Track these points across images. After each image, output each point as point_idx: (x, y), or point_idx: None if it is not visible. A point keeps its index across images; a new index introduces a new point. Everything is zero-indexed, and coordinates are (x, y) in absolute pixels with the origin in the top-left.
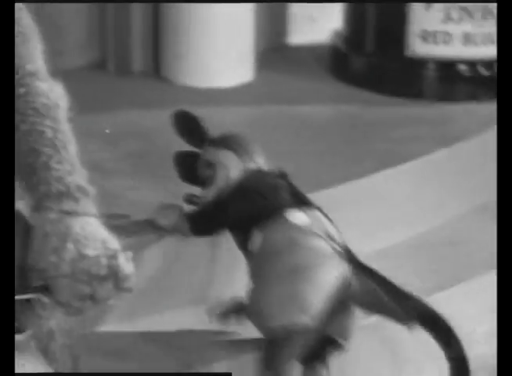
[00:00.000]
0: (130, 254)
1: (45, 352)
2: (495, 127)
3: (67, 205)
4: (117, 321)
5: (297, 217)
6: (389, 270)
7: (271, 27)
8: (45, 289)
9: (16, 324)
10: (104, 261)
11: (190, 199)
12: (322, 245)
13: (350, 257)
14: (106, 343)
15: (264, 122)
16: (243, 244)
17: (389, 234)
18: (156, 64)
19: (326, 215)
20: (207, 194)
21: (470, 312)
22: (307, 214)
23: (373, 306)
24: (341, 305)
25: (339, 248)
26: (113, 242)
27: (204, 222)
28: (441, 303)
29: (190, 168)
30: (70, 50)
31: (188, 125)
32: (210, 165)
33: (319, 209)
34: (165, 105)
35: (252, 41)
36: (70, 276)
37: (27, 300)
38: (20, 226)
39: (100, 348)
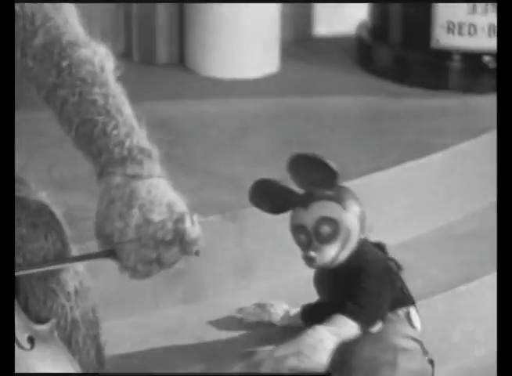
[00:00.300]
0: (196, 216)
1: (69, 342)
2: None
3: (131, 169)
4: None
5: (415, 318)
6: (412, 262)
7: (297, 18)
8: (112, 254)
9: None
10: (170, 225)
11: (309, 258)
12: (422, 356)
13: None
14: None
15: (289, 113)
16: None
17: (413, 226)
18: (182, 55)
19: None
20: (322, 251)
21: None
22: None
23: None
24: None
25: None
26: (180, 205)
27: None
28: (466, 295)
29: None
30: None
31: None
32: (330, 220)
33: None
34: (190, 96)
35: (278, 33)
36: (136, 242)
37: (52, 289)
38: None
39: None
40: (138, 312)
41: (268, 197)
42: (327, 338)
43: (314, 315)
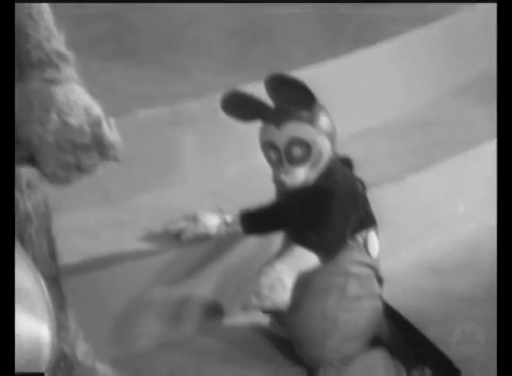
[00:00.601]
0: (112, 121)
1: (22, 236)
2: (472, 6)
3: (49, 73)
4: None
5: (373, 244)
6: (365, 151)
7: None
8: (31, 160)
9: None
10: (87, 129)
11: (280, 181)
12: (372, 280)
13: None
14: None
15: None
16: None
17: (365, 116)
18: None
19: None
20: (292, 173)
21: (448, 192)
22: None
23: (389, 347)
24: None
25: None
26: (96, 109)
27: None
28: (417, 184)
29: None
30: None
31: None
32: (302, 142)
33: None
34: None
35: None
36: (55, 147)
37: None
38: None
39: None
40: (90, 206)
41: (240, 106)
42: (286, 275)
43: (255, 222)
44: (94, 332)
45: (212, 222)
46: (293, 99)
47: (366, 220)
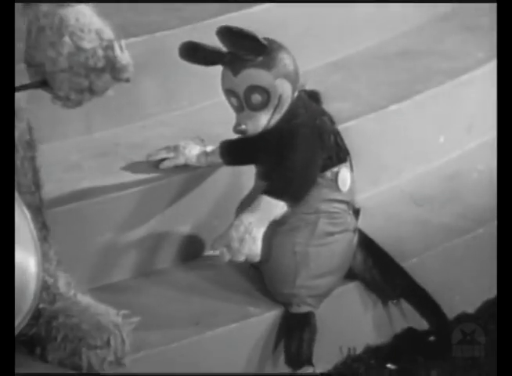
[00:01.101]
0: (124, 43)
1: None
2: None
3: None
4: None
5: (344, 179)
6: (342, 82)
7: None
8: (44, 83)
9: None
10: (100, 52)
11: (239, 130)
12: (345, 215)
13: (356, 227)
14: None
15: None
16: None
17: (343, 44)
18: None
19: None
20: (255, 119)
21: (428, 122)
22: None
23: (365, 281)
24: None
25: (353, 216)
26: (108, 32)
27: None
28: (397, 114)
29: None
30: None
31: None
32: (260, 89)
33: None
34: None
35: None
36: (68, 70)
37: None
38: None
39: None
40: (71, 136)
41: (197, 54)
42: (254, 226)
43: (234, 152)
44: (75, 263)
45: (193, 153)
46: (242, 48)
47: (337, 156)
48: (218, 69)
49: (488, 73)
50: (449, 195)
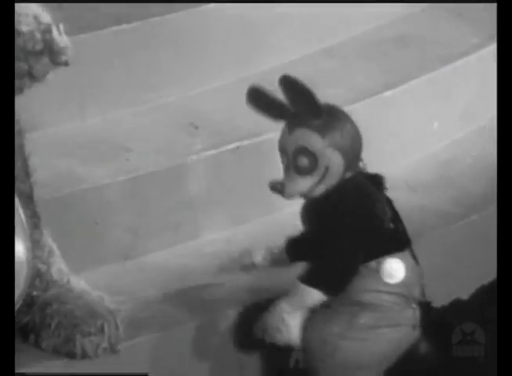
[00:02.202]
0: (62, 26)
1: None
2: None
3: None
4: None
5: (391, 269)
6: (337, 69)
7: None
8: None
9: None
10: (38, 35)
11: (276, 187)
12: (398, 308)
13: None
14: None
15: None
16: None
17: (337, 30)
18: None
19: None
20: (295, 182)
21: (422, 108)
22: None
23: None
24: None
25: (417, 310)
26: (45, 16)
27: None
28: (392, 101)
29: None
30: None
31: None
32: (308, 152)
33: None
34: None
35: None
36: None
37: None
38: None
39: None
40: (63, 122)
41: (263, 105)
42: (289, 315)
43: (297, 249)
44: (68, 250)
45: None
46: (299, 105)
47: (389, 245)
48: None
49: (482, 59)
50: (444, 181)
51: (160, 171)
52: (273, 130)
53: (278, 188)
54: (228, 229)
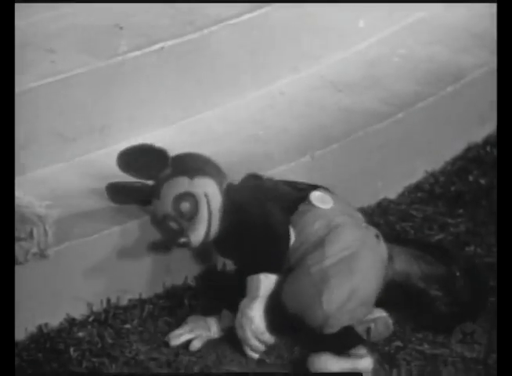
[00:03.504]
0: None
1: None
2: None
3: None
4: None
5: (320, 199)
6: None
7: None
8: None
9: None
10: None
11: (182, 244)
12: (354, 228)
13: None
14: None
15: None
16: None
17: None
18: None
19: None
20: (194, 228)
21: (348, 6)
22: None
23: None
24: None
25: (365, 224)
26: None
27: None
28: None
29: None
30: None
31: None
32: (188, 197)
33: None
34: None
35: None
36: None
37: None
38: None
39: None
40: None
41: (125, 195)
42: (246, 308)
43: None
44: None
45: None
46: (147, 164)
47: (294, 199)
48: None
49: None
50: (370, 80)
51: (86, 72)
52: (196, 31)
53: (184, 244)
54: (155, 130)
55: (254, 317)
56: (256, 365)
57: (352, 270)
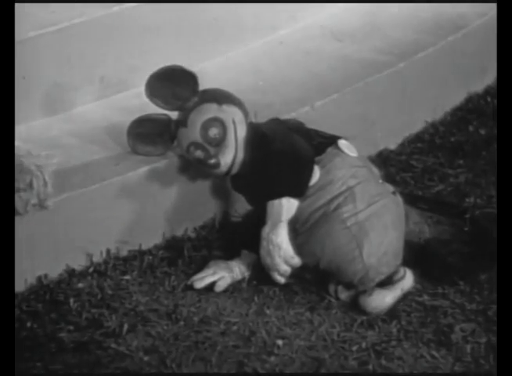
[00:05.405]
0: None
1: None
2: None
3: None
4: None
5: (347, 146)
6: None
7: None
8: None
9: None
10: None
11: (212, 165)
12: (376, 183)
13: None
14: None
15: None
16: None
17: None
18: None
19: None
20: (223, 152)
21: None
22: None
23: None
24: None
25: (381, 180)
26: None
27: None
28: None
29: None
30: None
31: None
32: (216, 122)
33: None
34: None
35: None
36: None
37: None
38: None
39: None
40: None
41: (150, 136)
42: (272, 235)
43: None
44: None
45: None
46: (176, 90)
47: (324, 142)
48: None
49: None
50: (370, 29)
51: (86, 22)
52: None
53: (213, 166)
54: None
55: (282, 242)
56: (255, 315)
57: (385, 224)
